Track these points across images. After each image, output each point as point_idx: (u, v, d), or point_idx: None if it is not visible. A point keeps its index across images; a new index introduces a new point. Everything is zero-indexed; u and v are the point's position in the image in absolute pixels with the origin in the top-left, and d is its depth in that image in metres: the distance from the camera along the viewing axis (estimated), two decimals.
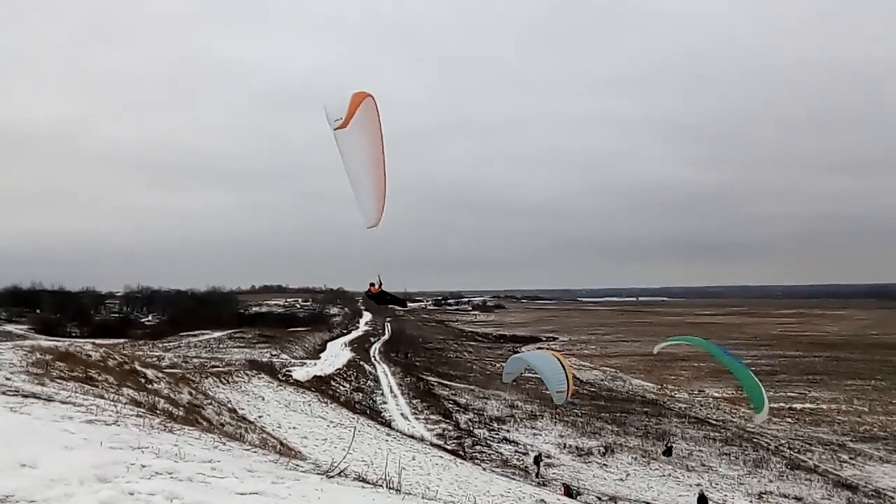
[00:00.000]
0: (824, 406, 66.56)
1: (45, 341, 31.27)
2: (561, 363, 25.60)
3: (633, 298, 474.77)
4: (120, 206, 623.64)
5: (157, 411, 15.12)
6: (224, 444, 9.41)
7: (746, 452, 46.12)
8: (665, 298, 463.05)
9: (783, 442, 51.06)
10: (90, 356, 23.58)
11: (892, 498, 38.72)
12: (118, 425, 8.88)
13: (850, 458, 47.16)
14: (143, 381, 24.04)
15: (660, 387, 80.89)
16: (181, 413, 19.12)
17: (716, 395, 73.81)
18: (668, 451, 40.04)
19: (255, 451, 9.44)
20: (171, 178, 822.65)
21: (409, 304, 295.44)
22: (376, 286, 13.14)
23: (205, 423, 19.94)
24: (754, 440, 50.55)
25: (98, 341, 50.05)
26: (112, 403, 12.45)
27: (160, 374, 27.83)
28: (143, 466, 6.22)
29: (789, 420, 60.18)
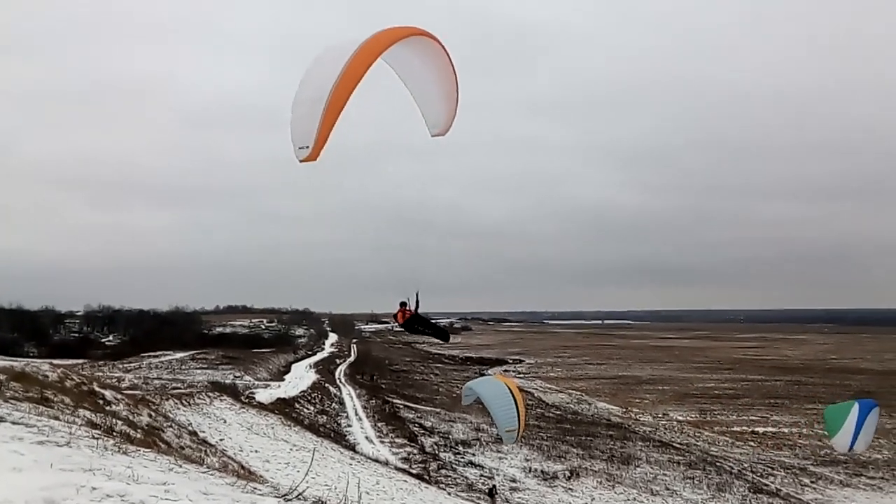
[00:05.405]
0: (786, 430, 67.37)
1: None
2: (513, 395, 21.96)
3: (599, 321, 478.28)
4: (62, 224, 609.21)
5: (114, 433, 14.74)
6: (180, 466, 9.20)
7: (710, 476, 46.41)
8: (630, 322, 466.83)
9: (746, 465, 51.51)
10: (47, 376, 22.98)
11: None
12: (70, 447, 8.63)
13: (812, 482, 47.71)
14: (101, 402, 23.47)
15: (625, 410, 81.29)
16: (139, 435, 18.68)
17: (680, 418, 74.35)
18: None
19: (211, 474, 9.24)
20: (111, 196, 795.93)
21: (375, 326, 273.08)
22: (409, 308, 10.03)
23: (164, 446, 19.50)
24: (717, 464, 50.94)
25: (56, 361, 48.77)
26: (66, 425, 12.12)
27: (119, 396, 27.21)
28: (94, 489, 6.03)
29: (752, 444, 60.79)
